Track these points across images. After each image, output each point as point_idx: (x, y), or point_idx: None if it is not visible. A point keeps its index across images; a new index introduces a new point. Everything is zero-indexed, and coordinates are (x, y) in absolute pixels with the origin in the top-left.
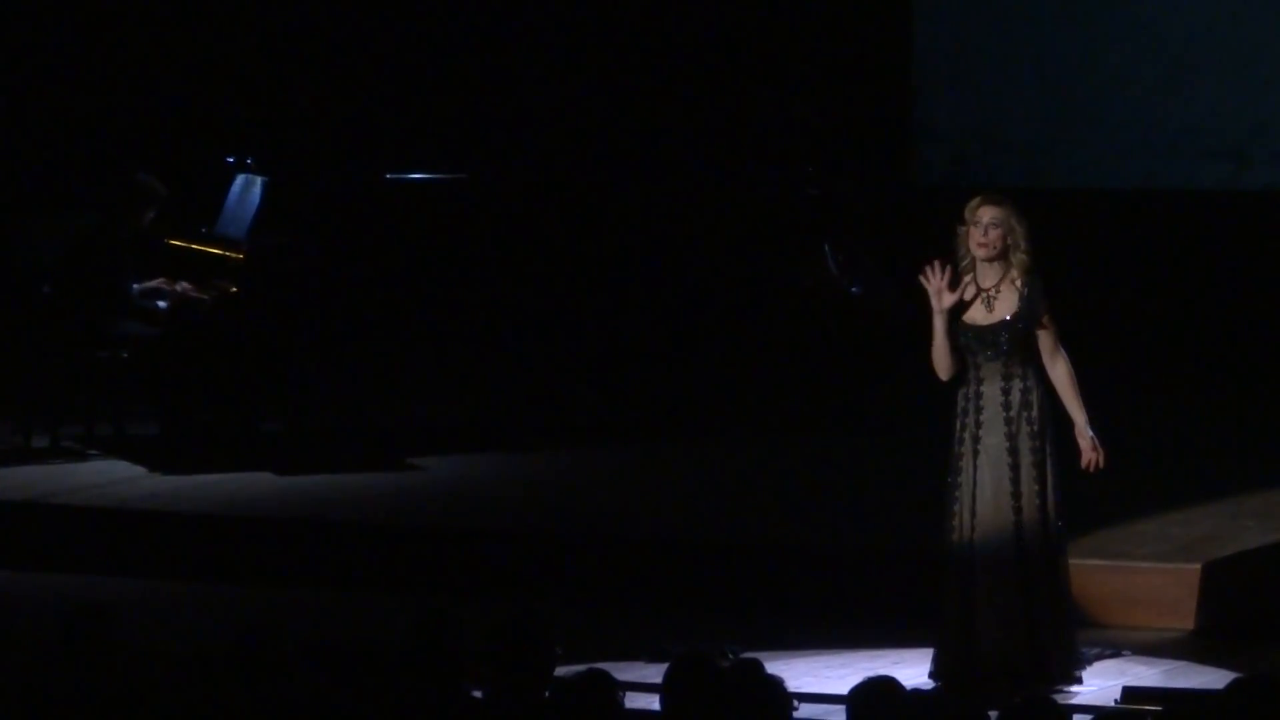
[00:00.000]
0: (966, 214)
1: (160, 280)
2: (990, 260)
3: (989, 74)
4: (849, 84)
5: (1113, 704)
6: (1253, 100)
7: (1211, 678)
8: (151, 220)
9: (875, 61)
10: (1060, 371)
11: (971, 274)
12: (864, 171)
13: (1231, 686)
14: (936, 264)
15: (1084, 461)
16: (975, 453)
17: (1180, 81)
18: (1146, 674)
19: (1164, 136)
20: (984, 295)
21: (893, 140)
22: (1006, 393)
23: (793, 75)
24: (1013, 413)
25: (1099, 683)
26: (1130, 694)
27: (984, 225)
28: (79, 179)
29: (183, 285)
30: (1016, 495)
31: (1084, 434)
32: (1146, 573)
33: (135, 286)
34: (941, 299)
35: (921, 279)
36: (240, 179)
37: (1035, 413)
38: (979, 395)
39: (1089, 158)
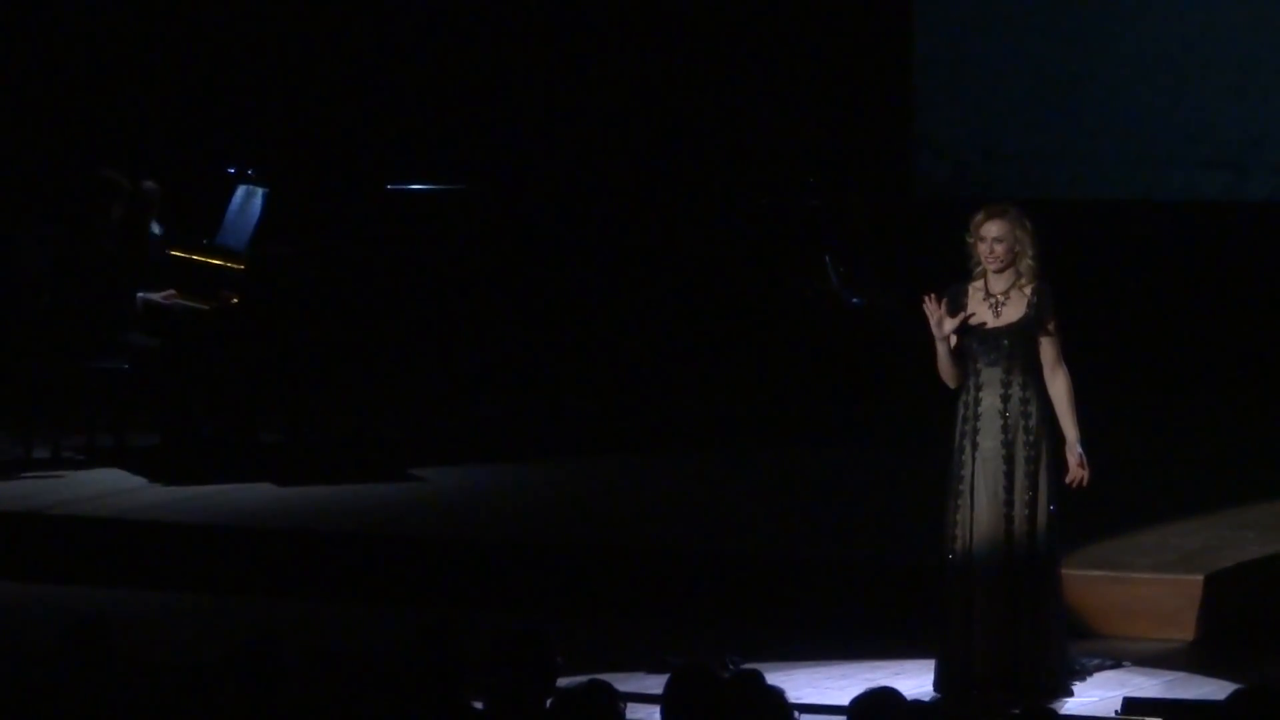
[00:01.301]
0: (972, 228)
1: (170, 292)
2: (999, 272)
3: (989, 86)
4: (850, 96)
5: (1114, 715)
6: (1252, 111)
7: (1212, 689)
8: (121, 214)
9: (876, 73)
10: (1059, 385)
11: (983, 280)
12: (865, 183)
13: (1232, 697)
14: (934, 296)
15: (1069, 478)
16: (973, 460)
17: (1180, 93)
18: (1147, 685)
19: (1164, 148)
20: (992, 300)
21: (893, 152)
22: (1005, 400)
23: (794, 87)
24: (1010, 421)
25: (1099, 693)
26: (1131, 705)
27: (989, 241)
28: (79, 188)
29: (177, 302)
30: (1010, 504)
31: (1074, 450)
32: (1147, 583)
33: (140, 295)
34: (943, 326)
35: (925, 307)
36: (241, 190)
37: (1033, 423)
38: (978, 402)
39: (1089, 169)
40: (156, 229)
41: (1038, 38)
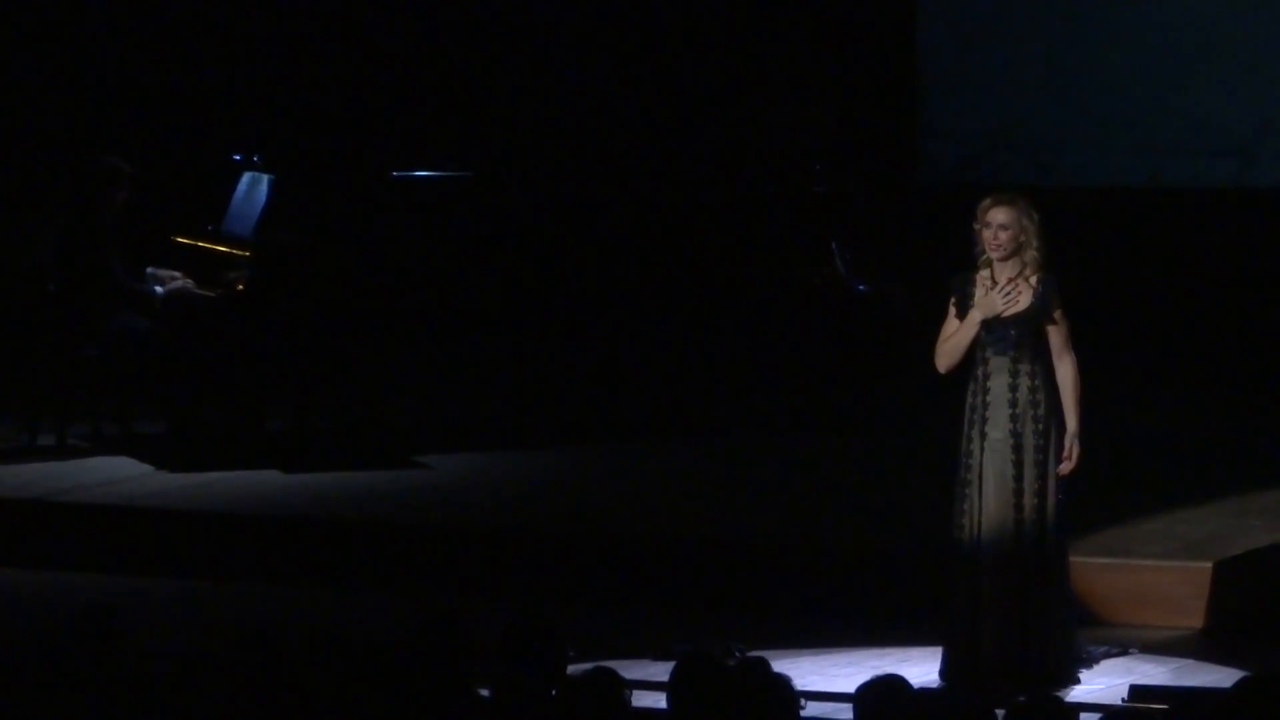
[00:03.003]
0: (978, 214)
1: (176, 274)
2: (1003, 260)
3: (995, 72)
4: (855, 83)
5: (1120, 702)
6: (1259, 98)
7: (1219, 676)
8: (124, 201)
9: (881, 60)
10: (1066, 373)
11: (989, 269)
12: (871, 170)
13: (1239, 685)
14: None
15: (1059, 467)
16: (982, 449)
17: (1186, 79)
18: (1154, 672)
19: (1170, 134)
20: (998, 290)
21: (899, 139)
22: (1014, 389)
23: (799, 74)
24: (1019, 409)
25: (1106, 681)
26: (1137, 692)
27: (994, 227)
28: (83, 174)
29: (186, 282)
30: (1019, 492)
31: (1069, 439)
32: (1154, 571)
33: (149, 270)
34: (994, 305)
35: (984, 284)
36: (247, 176)
37: (1042, 411)
38: (986, 390)
39: (1094, 156)
40: None
41: (1043, 24)
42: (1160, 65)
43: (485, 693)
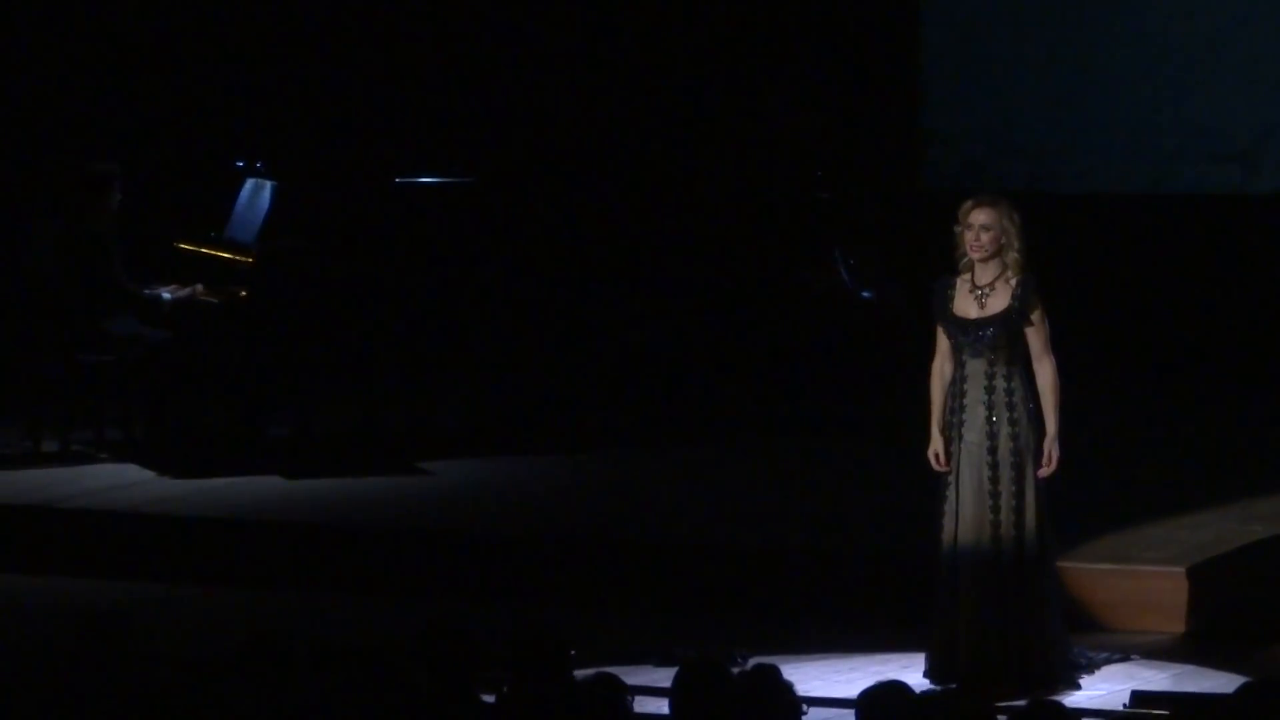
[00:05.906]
0: (960, 216)
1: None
2: (984, 261)
3: (997, 78)
4: (858, 89)
5: (1121, 708)
6: (1261, 104)
7: (1220, 682)
8: (119, 204)
9: (884, 66)
10: (1044, 376)
11: (969, 272)
12: (874, 176)
13: (1240, 691)
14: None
15: (1038, 470)
16: (959, 452)
17: (1188, 86)
18: (1155, 678)
19: (1172, 141)
20: (978, 292)
21: (902, 145)
22: (989, 391)
23: (802, 80)
24: (994, 412)
25: (1107, 687)
26: (1139, 698)
27: (976, 229)
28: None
29: (194, 288)
30: (995, 494)
31: (1048, 442)
32: (1155, 577)
33: (162, 292)
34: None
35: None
36: (250, 183)
37: (1018, 414)
38: (963, 394)
39: (1097, 162)
40: None
41: (1046, 31)
42: (1163, 72)
43: (489, 698)
